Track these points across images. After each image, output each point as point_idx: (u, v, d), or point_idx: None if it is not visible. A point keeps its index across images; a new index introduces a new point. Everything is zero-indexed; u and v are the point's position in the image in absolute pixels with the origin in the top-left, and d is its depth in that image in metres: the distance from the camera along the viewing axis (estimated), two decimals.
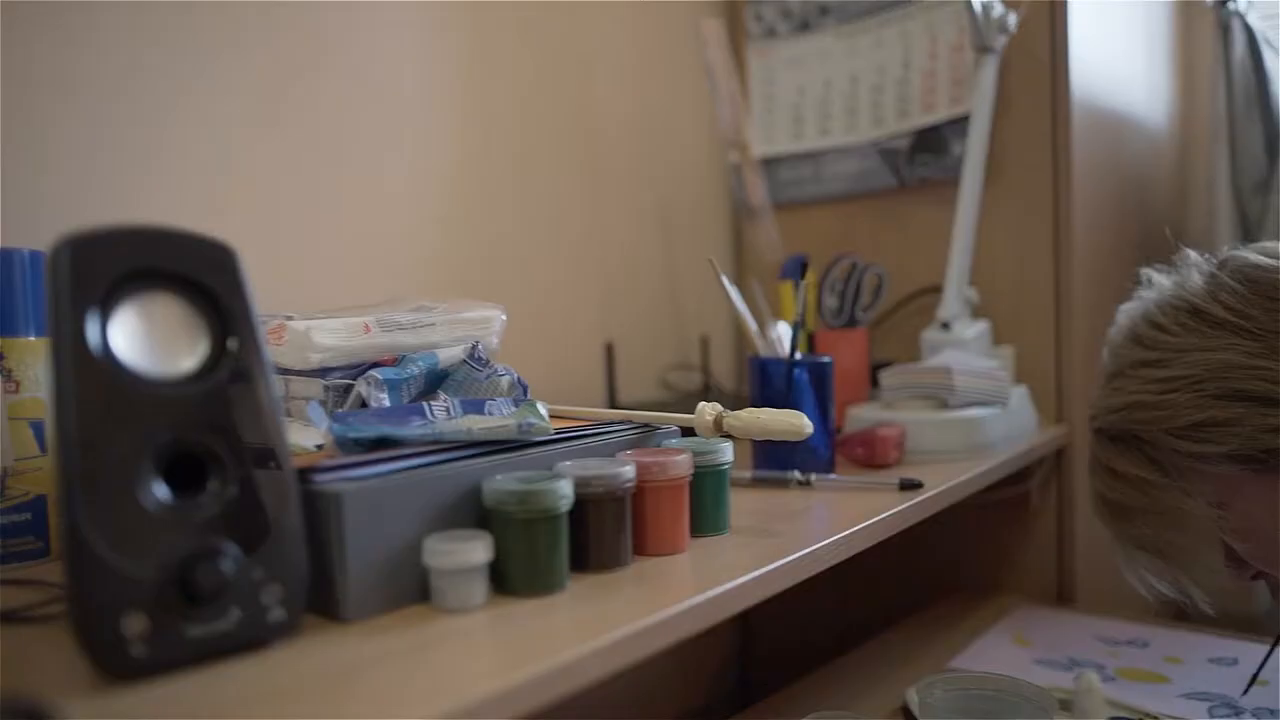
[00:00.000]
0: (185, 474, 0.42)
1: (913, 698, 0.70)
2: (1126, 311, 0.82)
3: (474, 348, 0.65)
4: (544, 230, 1.12)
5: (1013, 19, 1.06)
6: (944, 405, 0.93)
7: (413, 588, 0.49)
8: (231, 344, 0.44)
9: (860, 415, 0.96)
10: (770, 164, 1.33)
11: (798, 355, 0.86)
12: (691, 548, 0.61)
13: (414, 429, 0.53)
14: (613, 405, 1.16)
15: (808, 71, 1.30)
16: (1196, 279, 0.78)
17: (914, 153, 1.20)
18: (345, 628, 0.46)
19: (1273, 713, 0.80)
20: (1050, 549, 1.16)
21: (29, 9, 0.70)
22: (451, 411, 0.57)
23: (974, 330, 1.05)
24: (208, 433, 0.42)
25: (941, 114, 1.17)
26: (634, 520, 0.57)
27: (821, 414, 0.84)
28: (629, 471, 0.55)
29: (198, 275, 0.43)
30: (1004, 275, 1.16)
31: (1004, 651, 0.98)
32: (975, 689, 0.69)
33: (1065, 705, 0.79)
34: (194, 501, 0.41)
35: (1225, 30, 1.26)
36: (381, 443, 0.52)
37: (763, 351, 0.85)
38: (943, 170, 1.17)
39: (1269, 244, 0.78)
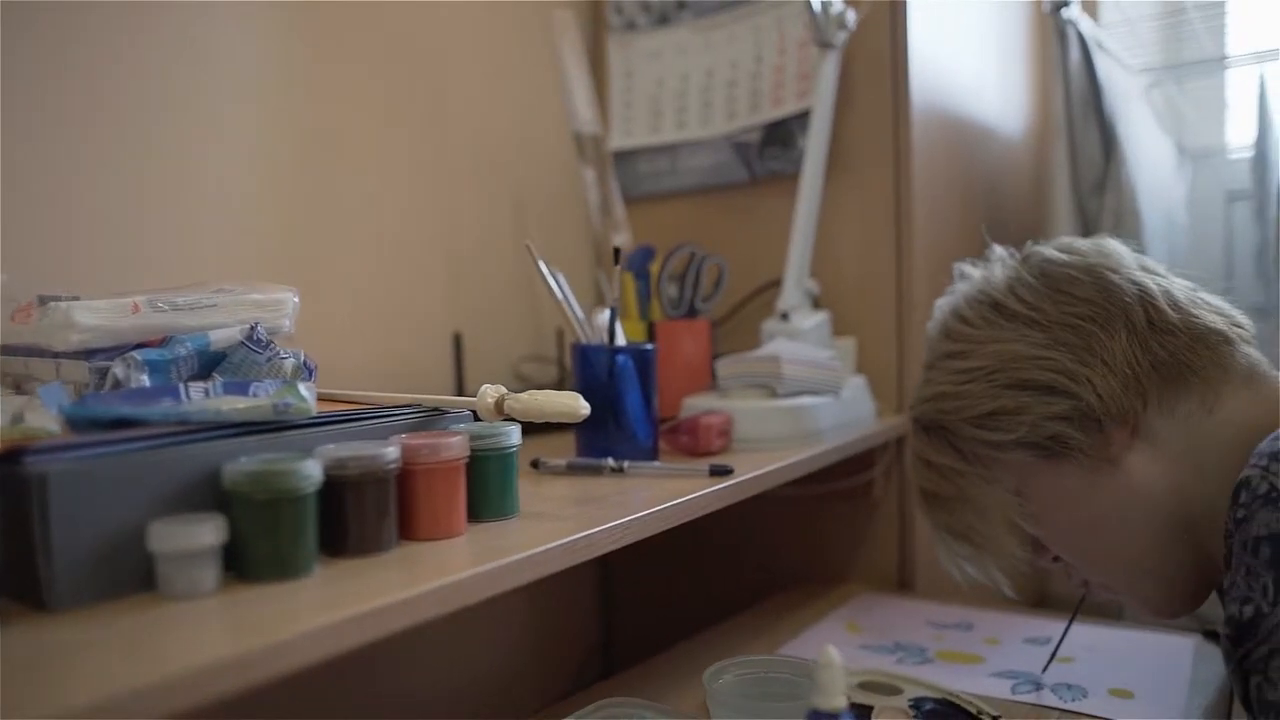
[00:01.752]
0: None
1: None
2: (940, 306, 0.84)
3: (253, 329, 0.63)
4: (387, 218, 1.09)
5: (852, 16, 1.08)
6: (774, 394, 0.95)
7: (138, 575, 0.46)
8: None
9: (694, 404, 0.96)
10: (629, 156, 1.33)
11: (622, 342, 0.86)
12: (472, 531, 0.60)
13: (157, 409, 0.51)
14: (460, 396, 1.14)
15: (666, 65, 1.30)
16: (1000, 274, 0.80)
17: (764, 146, 1.22)
18: (50, 616, 0.43)
19: (1070, 686, 0.83)
20: (892, 537, 1.19)
21: None
22: (210, 392, 0.54)
23: (813, 321, 1.07)
24: None
25: (789, 108, 1.19)
26: (403, 504, 0.56)
27: (644, 402, 0.84)
28: (391, 453, 0.54)
29: None
30: (847, 268, 1.18)
31: (834, 638, 0.99)
32: (765, 672, 0.69)
33: (865, 686, 0.81)
34: None
35: (1062, 36, 1.31)
36: (121, 423, 0.50)
37: (584, 339, 0.84)
38: (791, 164, 1.19)
39: (1068, 240, 0.82)
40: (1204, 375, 0.70)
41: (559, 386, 1.24)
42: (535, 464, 0.80)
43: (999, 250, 0.83)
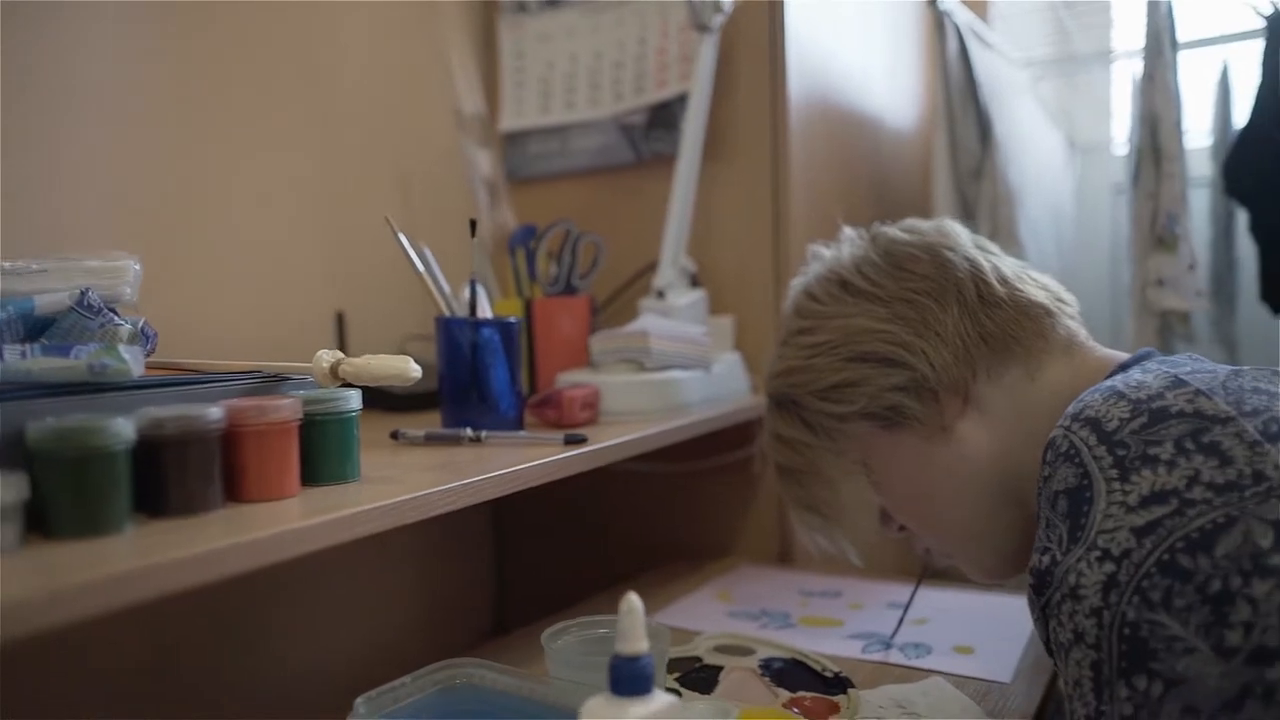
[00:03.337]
0: None
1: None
2: (794, 285, 0.87)
3: (83, 294, 0.62)
4: (267, 195, 1.08)
5: (728, 0, 1.11)
6: (642, 368, 0.97)
7: None
8: None
9: (565, 379, 0.97)
10: (520, 137, 1.33)
11: (489, 316, 0.87)
12: (307, 495, 0.60)
13: None
14: None
15: (555, 46, 1.31)
16: (847, 253, 0.83)
17: (649, 128, 1.24)
18: None
19: (916, 645, 0.87)
20: (772, 511, 1.22)
21: None
22: (27, 354, 0.54)
23: (688, 299, 1.09)
24: None
25: (672, 90, 1.21)
26: (232, 466, 0.57)
27: (509, 375, 0.86)
28: (213, 413, 0.54)
29: None
30: (727, 249, 1.20)
31: (704, 606, 1.02)
32: (607, 632, 0.71)
33: (720, 649, 0.84)
34: None
35: (940, 27, 1.36)
36: None
37: (448, 312, 0.85)
38: (674, 146, 1.20)
39: (912, 220, 0.85)
40: (1027, 345, 0.74)
41: None
42: (395, 435, 0.81)
43: (848, 231, 0.86)
